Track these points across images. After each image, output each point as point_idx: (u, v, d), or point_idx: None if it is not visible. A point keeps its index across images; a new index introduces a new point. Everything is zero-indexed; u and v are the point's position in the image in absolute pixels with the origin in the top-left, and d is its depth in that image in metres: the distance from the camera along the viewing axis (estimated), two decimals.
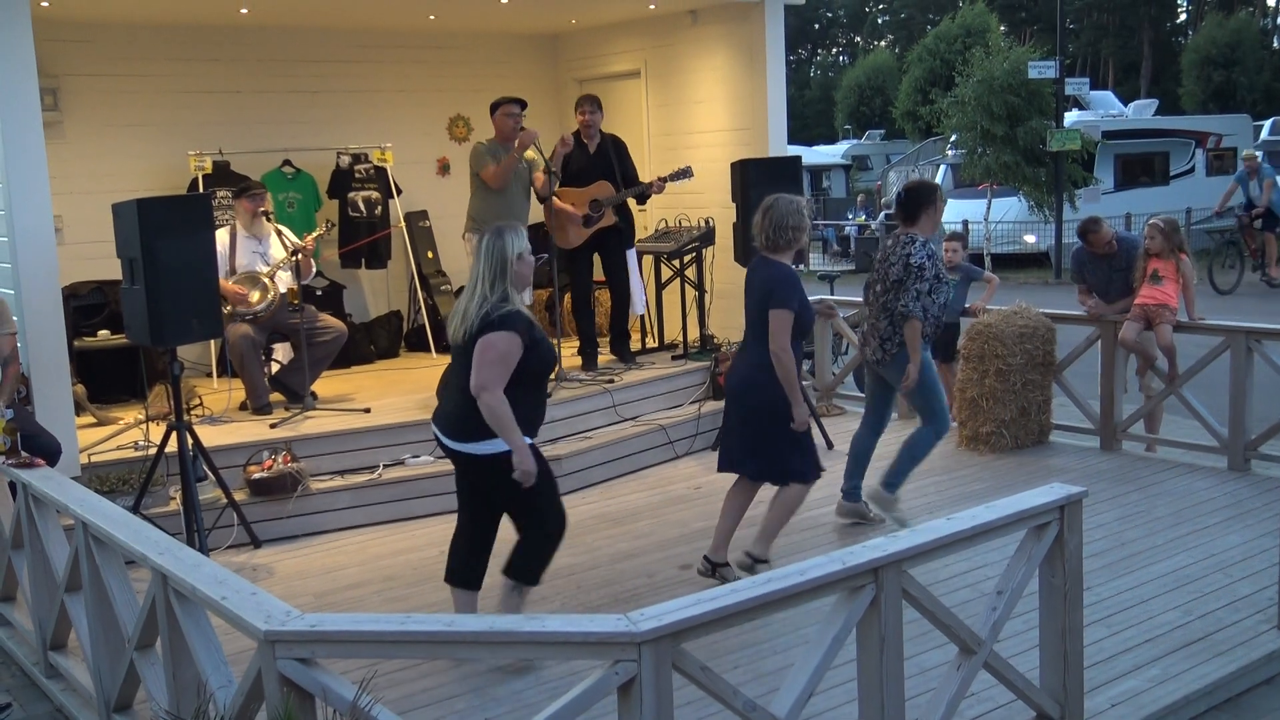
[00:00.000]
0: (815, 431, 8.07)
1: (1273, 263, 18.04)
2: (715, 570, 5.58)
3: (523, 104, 8.03)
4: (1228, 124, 26.45)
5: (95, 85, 8.78)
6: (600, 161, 8.55)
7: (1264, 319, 8.30)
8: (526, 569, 4.86)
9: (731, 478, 5.71)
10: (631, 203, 8.86)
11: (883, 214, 25.17)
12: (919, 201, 6.26)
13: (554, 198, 8.36)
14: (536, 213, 8.72)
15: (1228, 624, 4.95)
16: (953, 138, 23.89)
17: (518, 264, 4.65)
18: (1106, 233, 7.92)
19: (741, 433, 5.55)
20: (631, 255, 8.75)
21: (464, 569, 4.92)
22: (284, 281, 7.79)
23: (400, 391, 8.17)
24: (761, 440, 5.48)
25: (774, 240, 5.47)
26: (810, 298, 5.81)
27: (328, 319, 8.05)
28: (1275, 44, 50.76)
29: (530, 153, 7.92)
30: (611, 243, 8.61)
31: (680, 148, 9.72)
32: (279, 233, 7.88)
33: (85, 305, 8.42)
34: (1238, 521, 6.25)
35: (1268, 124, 29.37)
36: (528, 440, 4.63)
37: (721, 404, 8.32)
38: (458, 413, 4.69)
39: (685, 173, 8.53)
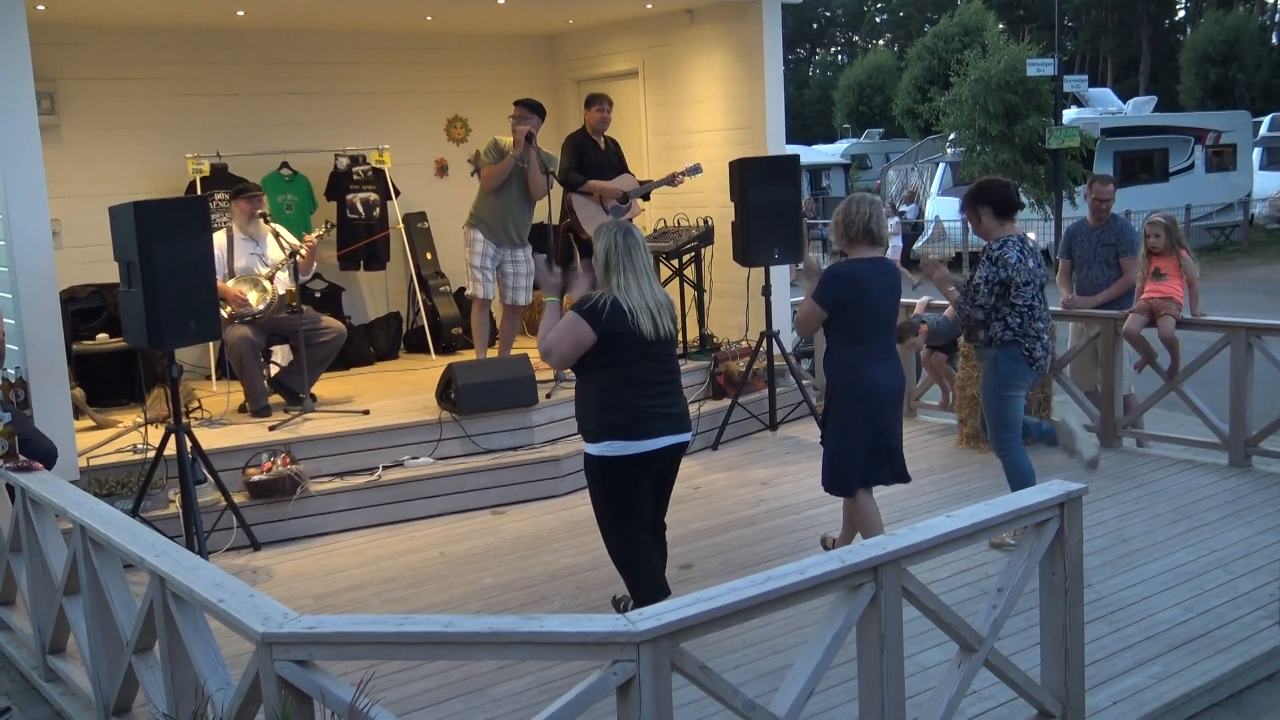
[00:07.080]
0: (813, 427, 8.12)
1: None
2: None
3: (530, 105, 8.06)
4: (1227, 120, 26.46)
5: (92, 89, 8.77)
6: (614, 157, 8.64)
7: (1266, 315, 8.29)
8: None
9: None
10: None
11: None
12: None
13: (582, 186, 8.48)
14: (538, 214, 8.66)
15: (1229, 620, 4.93)
16: (951, 136, 23.93)
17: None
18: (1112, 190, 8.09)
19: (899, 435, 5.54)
20: None
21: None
22: (283, 283, 7.79)
23: (400, 393, 8.16)
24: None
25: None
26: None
27: (327, 320, 8.04)
28: (1274, 40, 50.81)
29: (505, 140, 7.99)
30: None
31: (678, 147, 9.71)
32: (276, 234, 7.87)
33: (83, 309, 8.42)
34: (1238, 518, 6.24)
35: (1266, 120, 29.43)
36: None
37: (723, 403, 8.38)
38: (685, 403, 4.99)
39: (696, 169, 8.68)
